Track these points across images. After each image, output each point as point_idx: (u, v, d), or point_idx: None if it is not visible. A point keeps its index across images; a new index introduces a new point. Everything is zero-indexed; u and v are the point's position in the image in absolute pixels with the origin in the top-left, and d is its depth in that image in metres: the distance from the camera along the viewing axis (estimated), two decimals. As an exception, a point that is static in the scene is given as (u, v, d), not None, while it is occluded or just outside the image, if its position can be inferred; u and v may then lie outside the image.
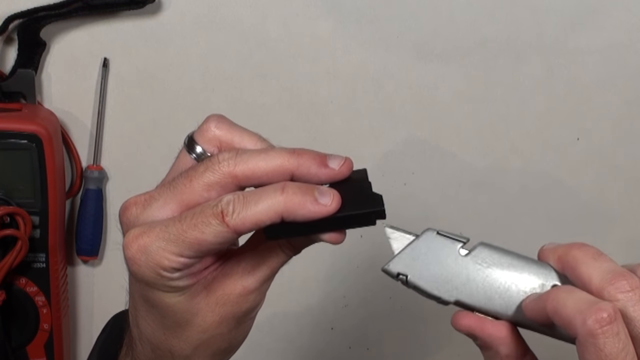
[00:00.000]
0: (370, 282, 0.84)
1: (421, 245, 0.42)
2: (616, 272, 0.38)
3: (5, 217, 0.68)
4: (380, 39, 0.76)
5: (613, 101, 0.80)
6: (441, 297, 0.42)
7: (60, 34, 0.74)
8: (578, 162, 0.82)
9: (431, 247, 0.42)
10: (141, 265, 0.40)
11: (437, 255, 0.42)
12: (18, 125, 0.69)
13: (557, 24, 0.77)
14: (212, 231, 0.39)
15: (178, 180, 0.42)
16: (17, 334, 0.74)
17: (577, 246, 0.40)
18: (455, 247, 0.42)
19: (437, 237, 0.42)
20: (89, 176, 0.77)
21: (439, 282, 0.42)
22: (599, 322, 0.35)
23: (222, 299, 0.43)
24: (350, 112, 0.78)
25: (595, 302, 0.36)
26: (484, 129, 0.80)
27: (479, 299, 0.41)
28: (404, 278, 0.42)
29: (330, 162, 0.42)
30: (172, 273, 0.41)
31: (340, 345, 0.87)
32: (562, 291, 0.38)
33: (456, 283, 0.41)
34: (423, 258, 0.42)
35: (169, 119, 0.77)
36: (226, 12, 0.74)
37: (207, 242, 0.39)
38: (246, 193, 0.40)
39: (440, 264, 0.42)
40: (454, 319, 0.42)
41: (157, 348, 0.45)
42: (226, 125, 0.44)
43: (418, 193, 0.81)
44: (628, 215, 0.84)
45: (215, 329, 0.44)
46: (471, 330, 0.41)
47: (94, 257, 0.79)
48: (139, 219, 0.42)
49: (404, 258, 0.42)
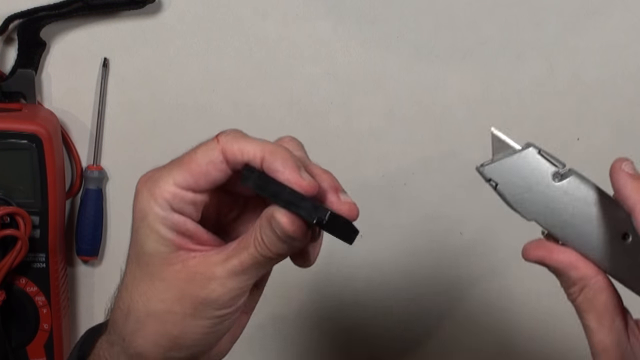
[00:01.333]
0: (371, 282, 0.84)
1: (519, 159, 0.44)
2: None
3: (5, 217, 0.68)
4: (380, 39, 0.76)
5: (613, 101, 0.80)
6: (521, 213, 0.44)
7: (60, 34, 0.74)
8: (578, 162, 0.82)
9: (527, 164, 0.44)
10: (140, 196, 0.45)
11: (530, 174, 0.43)
12: (18, 125, 0.69)
13: (557, 24, 0.77)
14: (203, 150, 0.44)
15: (183, 155, 0.46)
16: (17, 334, 0.74)
17: None
18: (549, 171, 0.44)
19: (537, 156, 0.44)
20: (89, 176, 0.77)
21: (524, 200, 0.43)
22: None
23: (190, 276, 0.44)
24: (350, 112, 0.78)
25: None
26: (484, 129, 0.80)
27: (556, 225, 0.43)
28: (494, 184, 0.44)
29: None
30: (163, 208, 0.43)
31: (341, 345, 0.87)
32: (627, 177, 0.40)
33: (539, 205, 0.43)
34: (516, 172, 0.44)
35: (169, 119, 0.77)
36: (226, 12, 0.74)
37: (199, 164, 0.43)
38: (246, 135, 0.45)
39: (531, 184, 0.43)
40: (525, 250, 0.44)
41: (121, 301, 0.46)
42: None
43: (418, 193, 0.81)
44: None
45: (172, 303, 0.44)
46: (540, 259, 0.43)
47: (94, 257, 0.79)
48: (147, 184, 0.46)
49: (500, 166, 0.44)
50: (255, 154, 0.43)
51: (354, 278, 0.84)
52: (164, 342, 0.45)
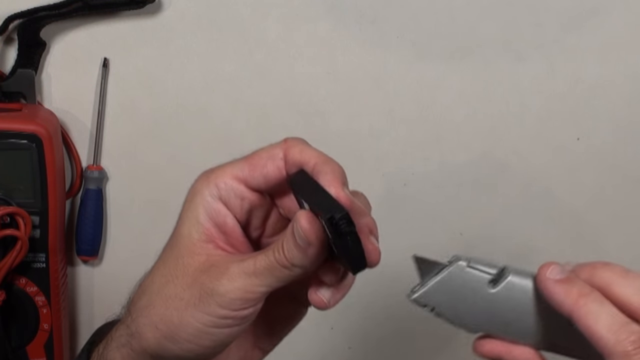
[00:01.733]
0: (370, 282, 0.84)
1: (449, 278, 0.42)
2: None
3: (5, 217, 0.68)
4: (380, 39, 0.76)
5: (613, 101, 0.80)
6: (467, 329, 0.42)
7: (60, 34, 0.74)
8: (578, 162, 0.82)
9: (459, 281, 0.42)
10: (198, 180, 0.46)
11: (465, 290, 0.42)
12: (18, 125, 0.69)
13: (557, 24, 0.77)
14: (269, 147, 0.46)
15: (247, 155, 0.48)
16: (17, 334, 0.74)
17: (601, 265, 0.40)
18: (483, 281, 0.42)
19: (466, 270, 0.42)
20: (89, 176, 0.77)
21: (466, 316, 0.42)
22: (633, 344, 0.36)
23: (207, 267, 0.45)
24: (350, 112, 0.78)
25: (627, 322, 0.37)
26: (484, 129, 0.80)
27: (505, 331, 0.41)
28: (431, 309, 0.42)
29: None
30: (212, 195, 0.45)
31: (340, 345, 0.87)
32: (594, 301, 0.38)
33: (482, 317, 0.41)
34: (450, 291, 0.42)
35: (169, 119, 0.77)
36: (226, 12, 0.74)
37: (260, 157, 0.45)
38: None
39: (468, 299, 0.41)
40: (477, 345, 0.42)
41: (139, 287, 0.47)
42: None
43: (418, 193, 0.81)
44: (628, 215, 0.84)
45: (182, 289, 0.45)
46: (496, 356, 0.42)
47: (94, 257, 0.79)
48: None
49: (432, 290, 0.42)
50: (312, 157, 0.44)
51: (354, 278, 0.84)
52: (162, 327, 0.45)
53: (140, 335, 0.46)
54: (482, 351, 0.42)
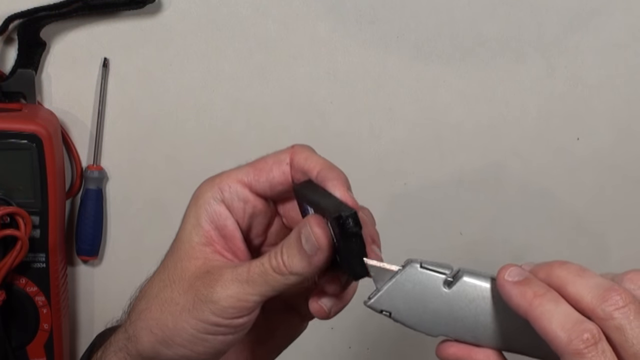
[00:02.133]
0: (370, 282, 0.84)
1: (403, 280, 0.41)
2: (606, 288, 0.37)
3: (5, 217, 0.68)
4: (380, 39, 0.76)
5: (613, 101, 0.80)
6: (426, 332, 0.42)
7: (60, 34, 0.74)
8: (578, 162, 0.82)
9: (413, 283, 0.41)
10: (203, 183, 0.46)
11: (420, 291, 0.41)
12: (18, 125, 0.69)
13: (557, 24, 0.77)
14: (276, 152, 0.46)
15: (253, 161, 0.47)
16: (17, 334, 0.74)
17: (558, 265, 0.39)
18: (438, 281, 0.41)
19: (420, 271, 0.41)
20: (89, 176, 0.77)
21: (423, 319, 0.41)
22: (585, 342, 0.35)
23: (202, 273, 0.44)
24: (350, 112, 0.78)
25: (580, 320, 0.36)
26: (484, 129, 0.80)
27: (464, 332, 0.41)
28: (388, 314, 0.42)
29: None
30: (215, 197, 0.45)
31: (340, 345, 0.87)
32: (548, 301, 0.38)
33: (440, 319, 0.41)
34: (406, 294, 0.41)
35: (169, 119, 0.77)
36: (226, 12, 0.74)
37: (266, 162, 0.46)
38: None
39: (424, 301, 0.41)
40: (439, 349, 0.42)
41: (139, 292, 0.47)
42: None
43: (418, 193, 0.81)
44: (628, 215, 0.84)
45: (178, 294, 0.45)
46: (459, 358, 0.41)
47: (94, 257, 0.79)
48: None
49: (387, 294, 0.42)
50: (317, 164, 0.45)
51: (354, 278, 0.84)
52: (157, 331, 0.45)
53: (136, 339, 0.46)
54: (445, 355, 0.41)
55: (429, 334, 0.42)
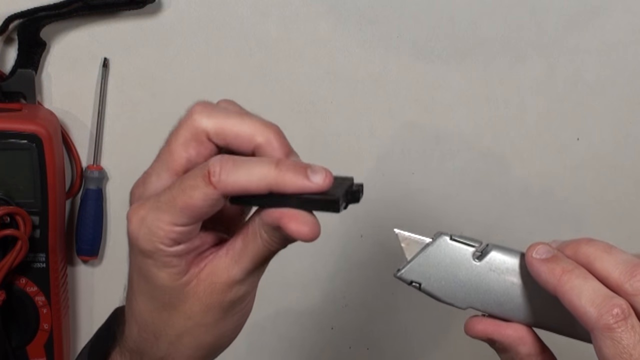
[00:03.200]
0: (370, 281, 0.84)
1: (434, 252, 0.42)
2: (634, 264, 0.38)
3: (5, 217, 0.68)
4: (380, 39, 0.76)
5: (613, 101, 0.80)
6: (454, 304, 0.42)
7: (60, 34, 0.74)
8: (578, 162, 0.82)
9: (444, 255, 0.42)
10: (139, 237, 0.41)
11: (450, 263, 0.42)
12: (18, 125, 0.69)
13: (557, 24, 0.77)
14: (200, 194, 0.39)
15: (162, 149, 0.44)
16: (17, 334, 0.74)
17: (585, 242, 0.40)
18: (467, 254, 0.42)
19: (450, 243, 0.42)
20: (89, 176, 0.77)
21: (453, 290, 0.42)
22: (615, 317, 0.36)
23: (210, 288, 0.43)
24: (350, 112, 0.78)
25: (610, 296, 0.37)
26: (484, 129, 0.80)
27: (492, 305, 0.41)
28: (418, 285, 0.42)
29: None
30: (169, 245, 0.41)
31: (340, 345, 0.87)
32: (577, 277, 0.38)
33: (469, 290, 0.41)
34: (436, 266, 0.42)
35: (169, 119, 0.77)
36: (226, 12, 0.74)
37: (196, 206, 0.40)
38: (237, 157, 0.40)
39: (453, 272, 0.42)
40: (468, 325, 0.42)
41: (143, 330, 0.45)
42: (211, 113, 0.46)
43: (418, 193, 0.81)
44: (628, 215, 0.84)
45: (201, 317, 0.44)
46: (488, 335, 0.41)
47: (94, 257, 0.79)
48: (143, 197, 0.43)
49: (417, 265, 0.42)
50: (261, 187, 0.40)
51: (354, 278, 0.84)
52: (201, 352, 0.45)
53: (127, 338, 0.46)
54: (474, 331, 0.41)
55: (457, 306, 0.42)
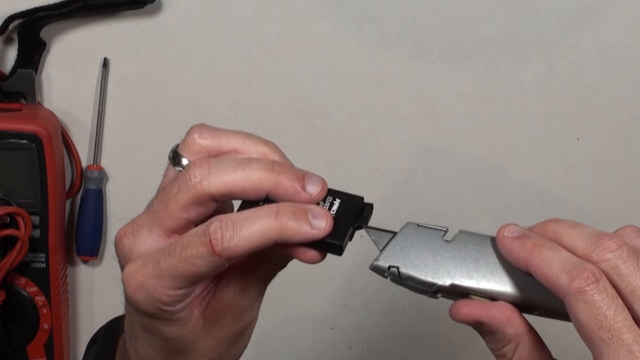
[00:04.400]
0: (370, 282, 0.84)
1: (405, 238, 0.42)
2: (599, 235, 0.38)
3: (5, 217, 0.68)
4: (380, 39, 0.76)
5: (613, 101, 0.80)
6: (436, 283, 0.41)
7: (60, 34, 0.74)
8: (578, 162, 0.82)
9: (415, 238, 0.42)
10: (142, 301, 0.40)
11: (423, 245, 0.42)
12: (18, 125, 0.69)
13: (557, 24, 0.77)
14: (204, 262, 0.38)
15: (156, 204, 0.41)
16: (17, 334, 0.74)
17: (552, 221, 0.40)
18: (438, 235, 0.42)
19: (418, 228, 0.42)
20: (89, 176, 0.77)
21: (432, 268, 0.42)
22: (586, 280, 0.36)
23: (219, 323, 0.43)
24: (350, 112, 0.78)
25: (580, 262, 0.37)
26: (484, 129, 0.80)
27: (474, 279, 0.41)
28: (396, 270, 0.42)
29: (308, 186, 0.41)
30: (173, 306, 0.40)
31: (340, 345, 0.87)
32: (548, 249, 0.38)
33: (448, 267, 0.41)
34: (410, 249, 0.42)
35: (169, 119, 0.77)
36: (226, 12, 0.74)
37: (201, 273, 0.39)
38: (235, 217, 0.39)
39: (429, 252, 0.42)
40: (454, 309, 0.41)
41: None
42: (209, 132, 0.43)
43: (418, 193, 0.81)
44: (628, 215, 0.84)
45: (215, 350, 0.44)
46: (475, 317, 0.41)
47: (94, 257, 0.79)
48: (132, 250, 0.41)
49: (391, 252, 0.42)
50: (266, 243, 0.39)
51: (354, 278, 0.84)
52: None
53: None
54: (460, 314, 0.41)
55: (440, 285, 0.41)
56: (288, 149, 0.84)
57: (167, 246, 0.40)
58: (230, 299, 0.43)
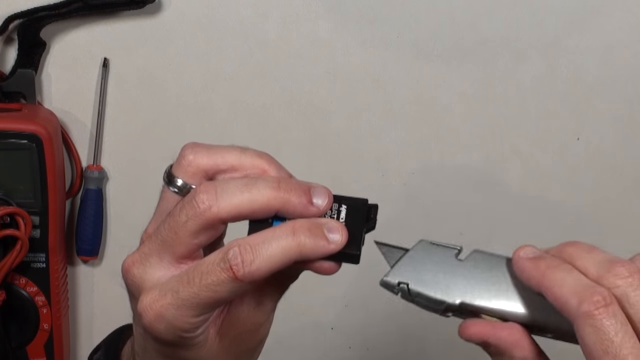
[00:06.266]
0: (370, 281, 0.84)
1: (417, 254, 0.43)
2: (612, 261, 0.38)
3: (5, 217, 0.68)
4: (380, 39, 0.76)
5: (613, 101, 0.80)
6: (446, 301, 0.41)
7: (60, 34, 0.74)
8: (578, 162, 0.82)
9: (427, 256, 0.42)
10: (162, 331, 0.40)
11: (435, 262, 0.42)
12: (18, 125, 0.69)
13: (557, 24, 0.77)
14: (225, 288, 0.38)
15: (163, 231, 0.41)
16: (17, 334, 0.74)
17: (569, 244, 0.40)
18: (451, 254, 0.42)
19: (431, 246, 0.43)
20: (89, 176, 0.77)
21: (442, 286, 0.41)
22: (595, 304, 0.36)
23: (236, 339, 0.43)
24: (350, 112, 0.78)
25: (591, 285, 0.37)
26: (484, 129, 0.80)
27: (485, 298, 0.41)
28: (406, 287, 0.42)
29: (315, 199, 0.41)
30: (194, 332, 0.41)
31: (340, 345, 0.87)
32: (561, 271, 0.38)
33: (459, 285, 0.41)
34: (421, 266, 0.42)
35: (169, 119, 0.77)
36: (226, 12, 0.74)
37: (223, 299, 0.39)
38: (252, 240, 0.39)
39: (440, 270, 0.42)
40: (463, 328, 0.41)
41: None
42: (204, 151, 0.42)
43: (418, 193, 0.81)
44: (628, 215, 0.84)
45: None
46: (483, 337, 0.40)
47: (94, 257, 0.79)
48: (144, 280, 0.41)
49: (402, 268, 0.42)
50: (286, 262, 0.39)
51: (354, 278, 0.84)
52: None
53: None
54: (468, 333, 0.41)
55: (449, 303, 0.41)
56: (288, 149, 0.85)
57: (183, 274, 0.40)
58: (245, 315, 0.43)
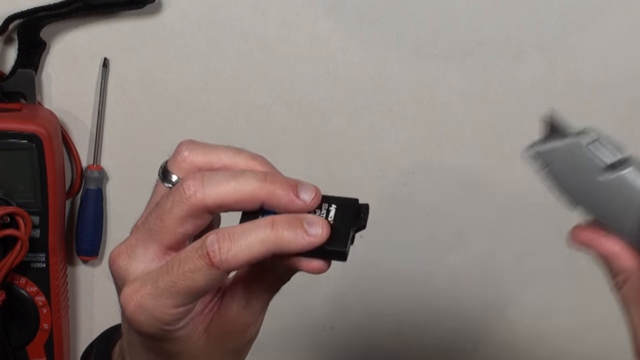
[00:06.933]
0: (371, 282, 0.84)
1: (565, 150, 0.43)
2: None
3: (5, 217, 0.68)
4: (380, 39, 0.76)
5: (613, 101, 0.80)
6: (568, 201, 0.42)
7: (60, 34, 0.74)
8: (578, 162, 0.82)
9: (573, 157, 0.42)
10: (142, 322, 0.40)
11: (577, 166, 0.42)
12: (18, 125, 0.69)
13: (557, 24, 0.77)
14: (203, 276, 0.38)
15: (151, 220, 0.41)
16: (17, 334, 0.74)
17: None
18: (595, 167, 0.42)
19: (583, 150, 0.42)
20: (89, 176, 0.77)
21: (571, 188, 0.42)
22: None
23: (223, 338, 0.43)
24: (350, 112, 0.78)
25: None
26: (484, 129, 0.80)
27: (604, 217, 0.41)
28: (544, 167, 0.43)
29: (302, 194, 0.40)
30: (174, 325, 0.40)
31: (340, 345, 0.87)
32: None
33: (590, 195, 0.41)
34: (563, 160, 0.42)
35: (169, 119, 0.77)
36: (226, 12, 0.74)
37: (201, 288, 0.39)
38: (231, 229, 0.39)
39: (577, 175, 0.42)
40: (573, 233, 0.43)
41: None
42: (199, 149, 0.43)
43: (418, 193, 0.81)
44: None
45: None
46: (587, 244, 0.42)
47: (94, 257, 0.79)
48: (128, 271, 0.41)
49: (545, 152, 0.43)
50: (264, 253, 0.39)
51: (354, 278, 0.84)
52: None
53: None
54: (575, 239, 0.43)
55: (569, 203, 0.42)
56: (288, 149, 0.85)
57: (164, 265, 0.40)
58: (234, 314, 0.43)
